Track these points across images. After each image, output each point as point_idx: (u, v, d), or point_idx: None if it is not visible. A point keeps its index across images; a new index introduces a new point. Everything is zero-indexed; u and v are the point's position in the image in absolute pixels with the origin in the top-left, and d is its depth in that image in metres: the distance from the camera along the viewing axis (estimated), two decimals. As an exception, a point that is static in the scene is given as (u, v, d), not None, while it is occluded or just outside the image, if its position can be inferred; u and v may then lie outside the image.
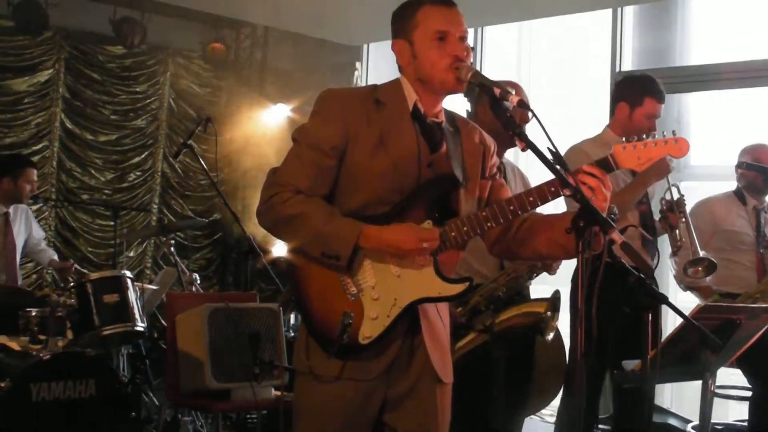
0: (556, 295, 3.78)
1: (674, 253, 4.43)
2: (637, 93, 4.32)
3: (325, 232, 2.46)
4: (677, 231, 4.35)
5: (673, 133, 2.46)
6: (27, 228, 6.12)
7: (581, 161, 2.44)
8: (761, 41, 6.54)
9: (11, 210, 5.93)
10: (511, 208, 2.48)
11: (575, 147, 4.29)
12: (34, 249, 6.18)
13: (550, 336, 3.81)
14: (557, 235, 2.53)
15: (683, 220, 4.33)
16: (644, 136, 2.46)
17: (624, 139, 2.48)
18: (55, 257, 6.32)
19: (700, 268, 4.43)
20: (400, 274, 2.51)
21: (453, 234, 2.50)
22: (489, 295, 3.74)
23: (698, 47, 7.07)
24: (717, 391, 4.28)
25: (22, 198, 5.93)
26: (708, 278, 4.88)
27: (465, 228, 2.50)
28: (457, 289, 2.52)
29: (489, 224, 2.49)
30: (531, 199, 2.47)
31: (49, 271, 5.93)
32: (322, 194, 2.55)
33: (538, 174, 2.61)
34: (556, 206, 2.98)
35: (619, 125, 4.37)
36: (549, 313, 3.71)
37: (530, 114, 2.38)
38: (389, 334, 2.50)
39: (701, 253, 4.39)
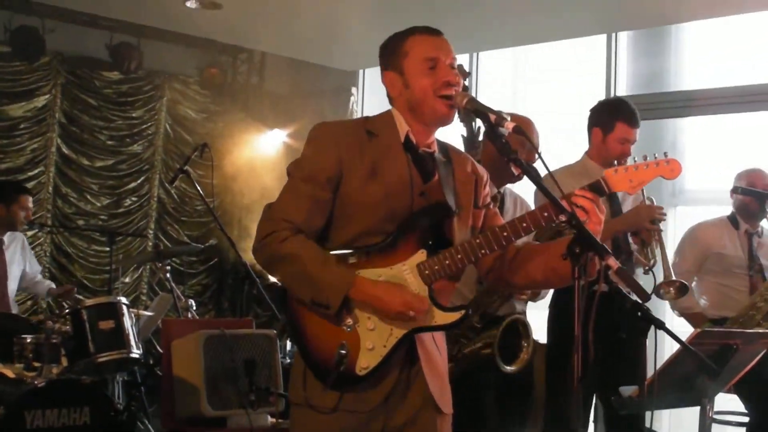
0: (517, 319, 3.68)
1: (646, 272, 4.35)
2: (607, 118, 4.27)
3: (317, 279, 2.45)
4: (649, 248, 4.28)
5: (665, 155, 2.46)
6: (23, 258, 6.09)
7: (553, 189, 2.42)
8: (755, 66, 6.58)
9: (6, 238, 5.91)
10: (505, 234, 2.47)
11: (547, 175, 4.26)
12: (31, 283, 6.16)
13: (514, 367, 3.68)
14: (552, 260, 2.51)
15: (656, 237, 4.26)
16: (635, 159, 2.46)
17: (615, 162, 2.47)
18: (53, 286, 6.29)
19: (671, 289, 4.39)
20: None
21: (447, 262, 2.49)
22: (465, 325, 3.66)
23: (692, 72, 7.11)
24: (715, 416, 4.26)
25: (16, 225, 5.90)
26: (702, 301, 4.87)
27: (459, 256, 2.49)
28: (453, 317, 2.52)
29: (483, 251, 2.48)
30: (524, 225, 2.46)
31: (45, 299, 5.92)
32: (317, 227, 2.55)
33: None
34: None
35: (595, 151, 4.31)
36: (498, 339, 3.59)
37: (535, 152, 2.38)
38: (386, 364, 2.49)
39: (674, 276, 4.34)
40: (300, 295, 2.50)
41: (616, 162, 2.48)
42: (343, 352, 2.44)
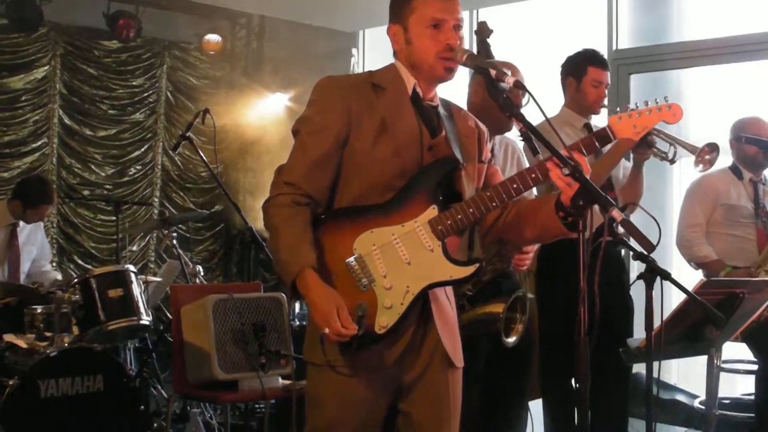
0: (519, 295, 3.64)
1: (672, 162, 4.38)
2: (579, 65, 4.46)
3: (279, 256, 2.49)
4: (657, 146, 4.30)
5: (666, 99, 2.47)
6: (35, 240, 6.06)
7: (551, 137, 2.42)
8: (757, 15, 6.52)
9: (21, 221, 5.89)
10: (515, 186, 2.47)
11: (540, 125, 4.31)
12: (38, 270, 6.08)
13: (513, 339, 3.67)
14: (542, 217, 2.52)
15: (654, 133, 4.26)
16: (636, 104, 2.47)
17: (618, 109, 2.49)
18: (59, 277, 6.20)
19: (704, 156, 4.40)
20: (410, 261, 2.49)
21: (459, 216, 2.48)
22: (456, 292, 3.63)
23: (694, 23, 7.04)
24: (723, 365, 4.29)
25: (27, 222, 5.88)
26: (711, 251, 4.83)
27: (471, 210, 2.48)
28: (468, 270, 2.51)
29: (494, 203, 2.47)
30: (533, 175, 2.46)
31: (54, 268, 5.90)
32: (324, 185, 2.54)
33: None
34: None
35: (572, 100, 4.48)
36: (505, 314, 3.54)
37: (525, 95, 2.39)
38: (404, 321, 2.49)
39: (698, 145, 4.35)
40: (276, 267, 2.56)
41: (618, 109, 2.49)
42: (362, 313, 2.44)
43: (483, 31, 4.72)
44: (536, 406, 4.39)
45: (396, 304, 2.48)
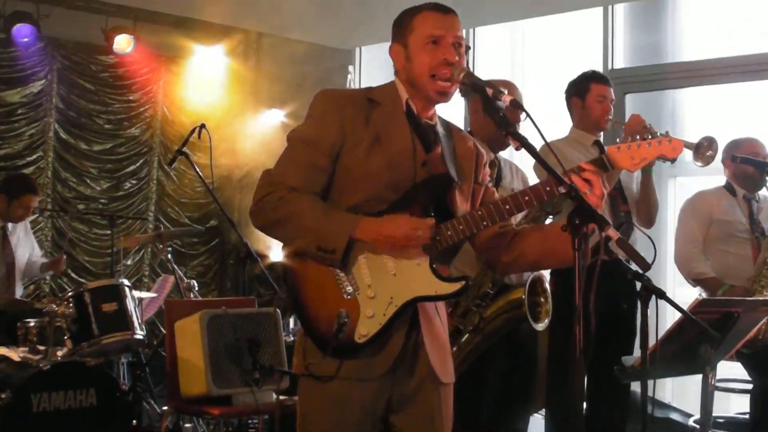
0: (535, 278, 3.70)
1: (673, 161, 4.39)
2: (582, 84, 4.62)
3: (321, 225, 2.46)
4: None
5: (667, 133, 2.48)
6: (27, 242, 6.07)
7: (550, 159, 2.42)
8: (752, 35, 6.56)
9: (9, 224, 5.89)
10: (507, 207, 2.48)
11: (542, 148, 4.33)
12: (33, 267, 6.13)
13: (545, 323, 3.72)
14: (549, 241, 2.54)
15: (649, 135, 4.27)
16: (637, 137, 2.47)
17: (618, 140, 2.49)
18: (44, 260, 6.26)
19: (702, 150, 4.41)
20: (396, 272, 2.51)
21: (449, 233, 2.50)
22: (476, 294, 3.70)
23: (690, 43, 7.09)
24: (718, 384, 4.29)
25: (13, 219, 5.87)
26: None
27: (461, 227, 2.49)
28: (454, 287, 2.51)
29: (485, 223, 2.49)
30: (527, 198, 2.47)
31: (47, 282, 5.89)
32: (315, 193, 2.56)
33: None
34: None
35: (579, 119, 4.62)
36: (527, 298, 3.62)
37: (523, 114, 2.40)
38: (386, 332, 2.50)
39: (694, 141, 4.35)
40: (304, 246, 2.50)
41: (618, 140, 2.49)
42: (345, 319, 2.45)
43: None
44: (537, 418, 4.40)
45: (378, 314, 2.49)
